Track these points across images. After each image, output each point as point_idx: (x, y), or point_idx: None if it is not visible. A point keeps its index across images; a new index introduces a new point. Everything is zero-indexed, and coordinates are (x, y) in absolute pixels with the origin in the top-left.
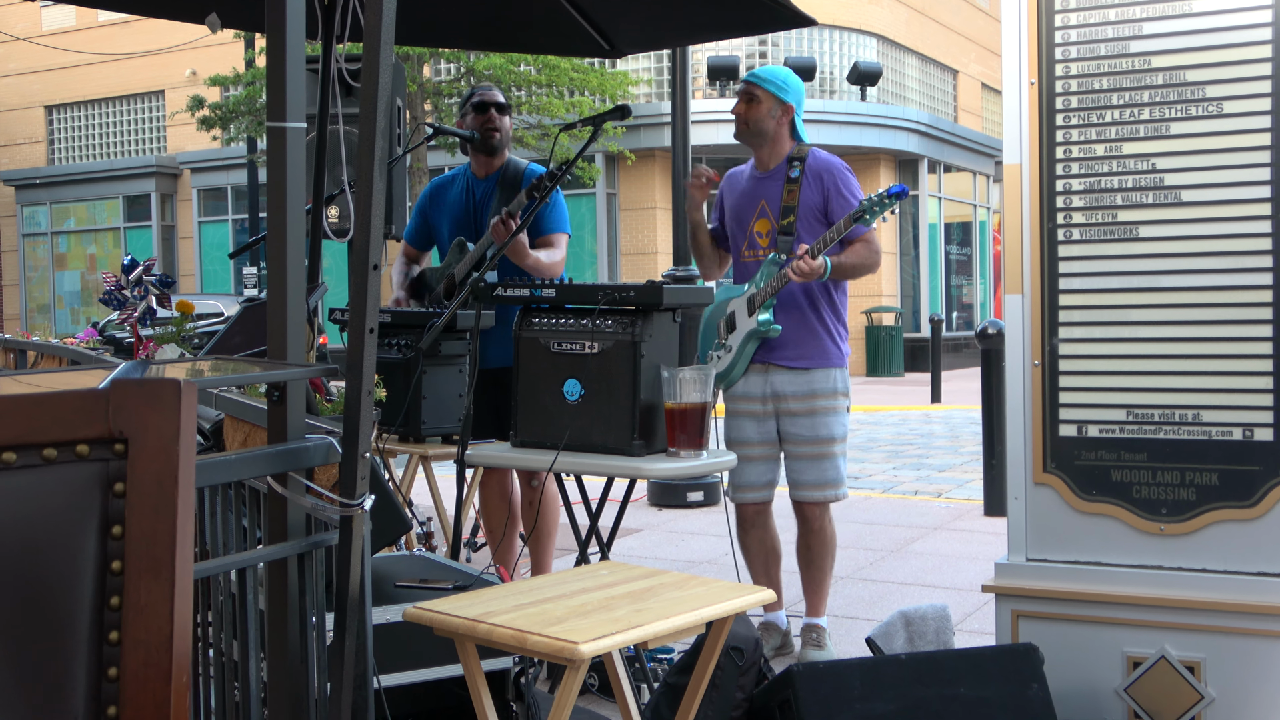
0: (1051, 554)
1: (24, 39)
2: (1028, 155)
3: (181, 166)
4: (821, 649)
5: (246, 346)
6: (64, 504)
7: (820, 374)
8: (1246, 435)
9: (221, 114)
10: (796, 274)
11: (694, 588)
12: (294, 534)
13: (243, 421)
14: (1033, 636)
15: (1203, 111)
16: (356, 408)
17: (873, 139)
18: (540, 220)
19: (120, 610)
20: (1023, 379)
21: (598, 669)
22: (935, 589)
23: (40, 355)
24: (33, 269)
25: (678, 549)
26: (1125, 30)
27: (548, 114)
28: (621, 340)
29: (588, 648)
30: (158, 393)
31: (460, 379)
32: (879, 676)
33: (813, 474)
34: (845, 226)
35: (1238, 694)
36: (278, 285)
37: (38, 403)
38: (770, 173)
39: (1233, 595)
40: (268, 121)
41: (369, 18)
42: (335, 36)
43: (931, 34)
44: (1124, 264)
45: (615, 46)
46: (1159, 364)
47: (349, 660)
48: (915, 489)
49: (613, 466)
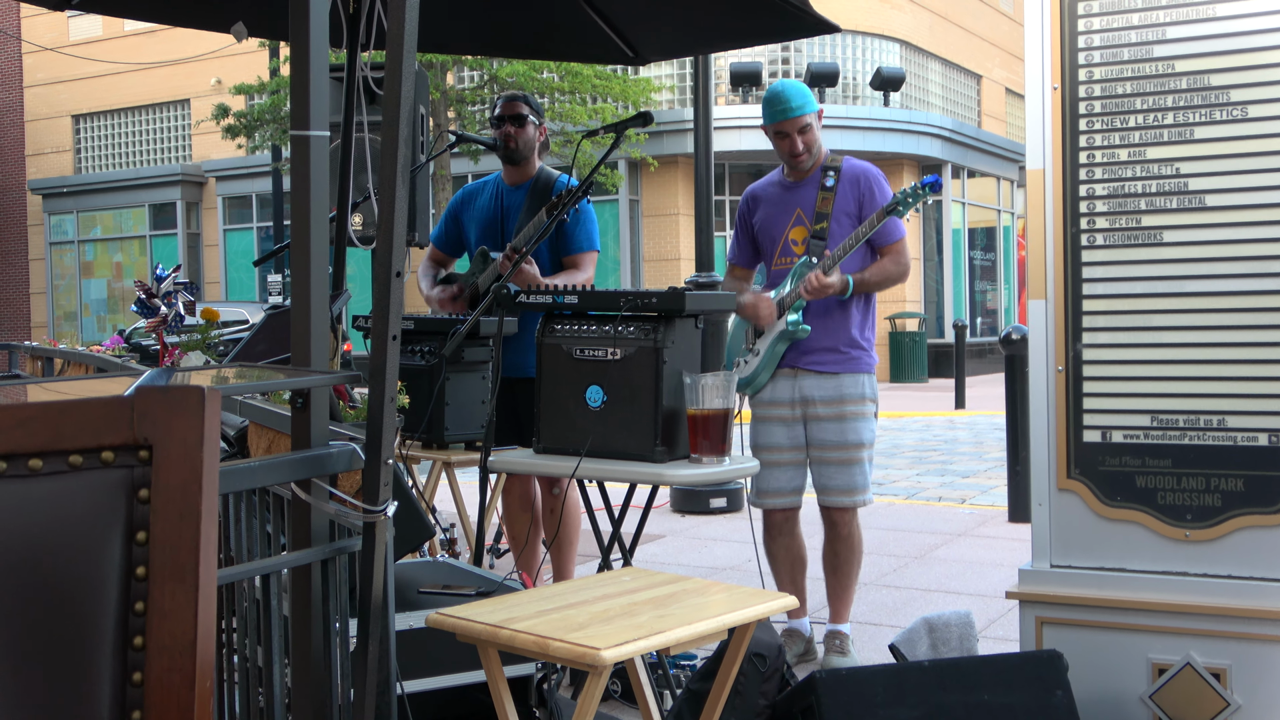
0: (1076, 560)
1: (51, 49)
2: (1051, 160)
3: (207, 174)
4: (845, 655)
5: (270, 354)
6: (89, 510)
7: (849, 379)
8: (1272, 441)
9: (246, 122)
10: (808, 290)
11: (716, 594)
12: (317, 540)
13: (267, 428)
14: (1057, 643)
15: (1227, 116)
16: (380, 414)
17: (896, 144)
18: (567, 238)
19: (145, 615)
20: (1046, 384)
21: (620, 675)
22: (959, 595)
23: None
24: (59, 277)
25: (700, 555)
26: (1148, 35)
27: (570, 121)
28: (644, 346)
29: (610, 654)
30: (182, 400)
31: (483, 385)
32: (902, 683)
33: (841, 479)
34: (879, 220)
35: (1264, 701)
36: (301, 292)
37: (64, 410)
38: (804, 181)
39: (1258, 602)
40: (291, 130)
41: (391, 25)
42: (360, 45)
43: (954, 39)
44: (1148, 269)
45: (640, 54)
46: (1183, 369)
47: (372, 666)
48: (939, 495)
49: (635, 473)
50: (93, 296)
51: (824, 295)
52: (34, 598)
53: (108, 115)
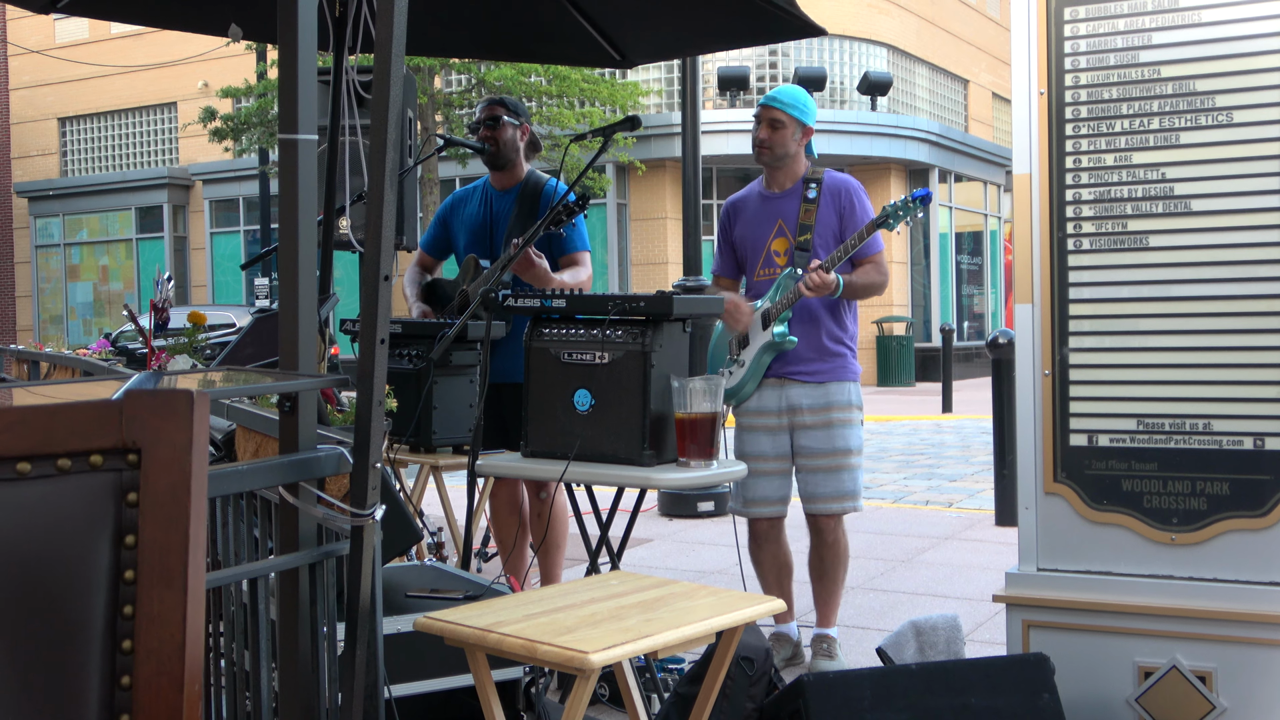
0: (1062, 564)
1: (37, 51)
2: (1037, 165)
3: (194, 178)
4: (832, 659)
5: (258, 357)
6: (78, 514)
7: (836, 387)
8: (1257, 444)
9: (233, 125)
10: (809, 286)
11: (704, 597)
12: (305, 544)
13: (254, 432)
14: (1044, 646)
15: (1212, 121)
16: (367, 418)
17: (883, 149)
18: (562, 240)
19: (133, 619)
20: (1033, 388)
21: (609, 679)
22: (946, 599)
23: (53, 366)
24: (45, 280)
25: (689, 559)
26: (1134, 40)
27: (558, 125)
28: (632, 350)
29: (597, 657)
30: (171, 403)
31: (471, 389)
32: (889, 686)
33: (830, 486)
34: (868, 233)
35: (1249, 704)
36: (289, 296)
37: (52, 414)
38: (785, 192)
39: (1244, 605)
40: (279, 133)
41: (379, 29)
42: (347, 48)
43: (942, 44)
44: (1134, 273)
45: (626, 57)
46: (1169, 373)
47: (360, 670)
48: (926, 499)
49: (623, 476)
50: (79, 300)
51: (825, 292)
52: (22, 601)
53: (94, 118)
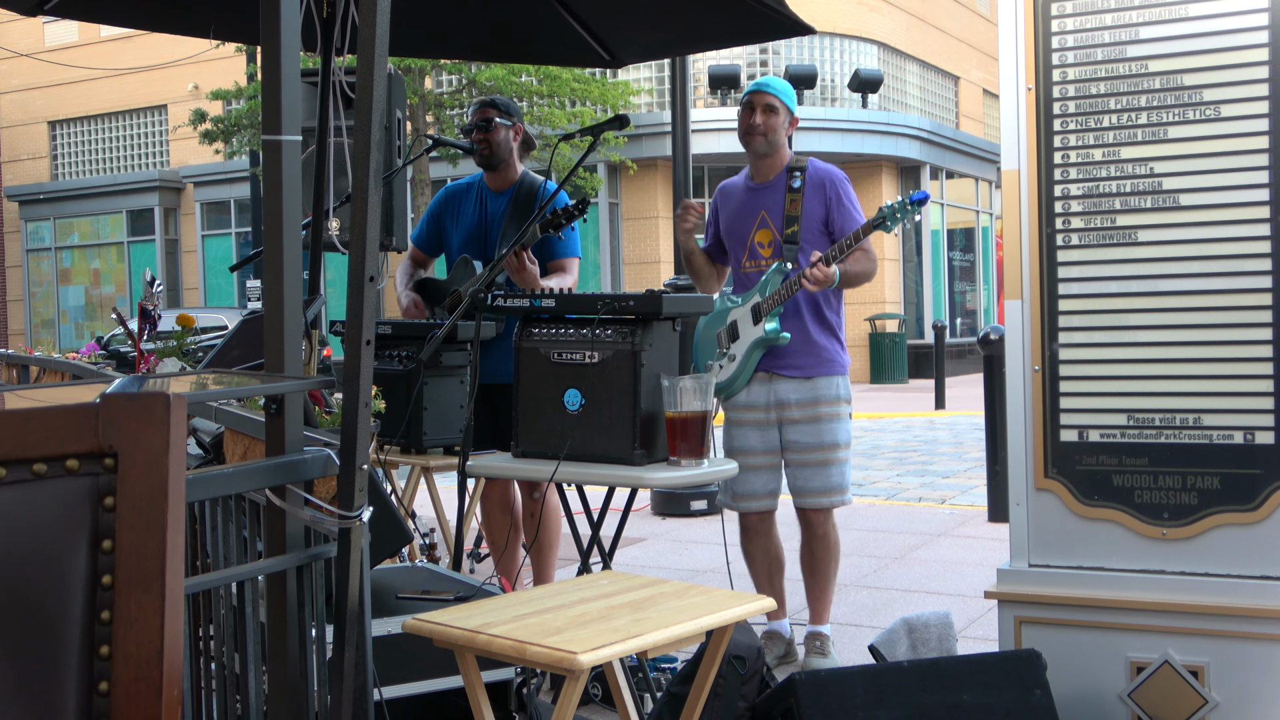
0: (1054, 560)
1: (27, 55)
2: (1026, 161)
3: (184, 180)
4: (825, 657)
5: (245, 359)
6: (54, 519)
7: (824, 381)
8: (1247, 439)
9: (223, 128)
10: (811, 282)
11: (694, 597)
12: (293, 546)
13: (242, 434)
14: (1036, 642)
15: (1200, 115)
16: (354, 420)
17: (874, 146)
18: (552, 245)
19: (111, 624)
20: (1023, 384)
21: (601, 679)
22: (939, 596)
23: (42, 370)
24: (37, 284)
25: (681, 558)
26: (1122, 35)
27: (549, 124)
28: (621, 350)
29: (586, 658)
30: (147, 407)
31: (461, 390)
32: (882, 684)
33: (818, 480)
34: (865, 233)
35: (1242, 698)
36: (274, 298)
37: (27, 418)
38: (769, 183)
39: (1236, 599)
40: (263, 135)
41: (363, 29)
42: (335, 49)
43: (932, 41)
44: (1123, 268)
45: (616, 57)
46: (1159, 368)
47: (349, 672)
48: (919, 496)
49: (614, 476)
50: (70, 304)
51: (826, 286)
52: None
53: (84, 121)
